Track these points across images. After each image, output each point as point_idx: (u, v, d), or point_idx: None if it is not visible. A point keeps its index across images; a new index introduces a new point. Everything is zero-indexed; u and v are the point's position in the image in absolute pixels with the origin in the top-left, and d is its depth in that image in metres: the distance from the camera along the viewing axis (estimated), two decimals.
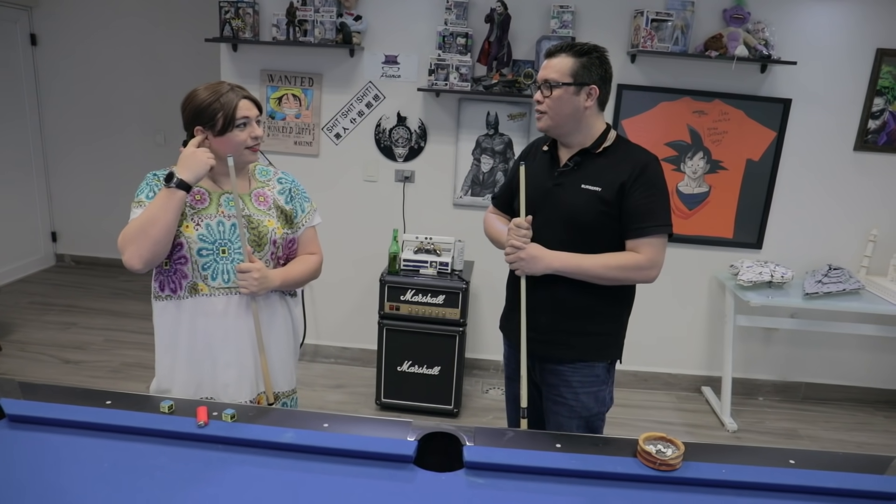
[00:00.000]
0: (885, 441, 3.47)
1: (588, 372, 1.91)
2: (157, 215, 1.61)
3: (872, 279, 3.50)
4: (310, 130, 3.63)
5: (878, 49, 3.31)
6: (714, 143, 3.48)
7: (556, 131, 1.86)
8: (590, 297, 1.85)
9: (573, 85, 1.77)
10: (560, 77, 1.77)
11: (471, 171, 3.61)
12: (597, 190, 1.79)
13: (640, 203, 1.77)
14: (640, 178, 1.77)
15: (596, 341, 1.91)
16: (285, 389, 1.92)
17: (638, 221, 1.78)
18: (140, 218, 1.62)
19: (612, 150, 1.84)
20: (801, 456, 1.48)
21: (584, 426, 1.94)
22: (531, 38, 3.40)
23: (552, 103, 1.80)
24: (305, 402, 3.43)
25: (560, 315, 1.86)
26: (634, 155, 1.83)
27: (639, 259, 1.78)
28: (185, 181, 1.63)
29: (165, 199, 1.62)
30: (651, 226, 1.78)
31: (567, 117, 1.81)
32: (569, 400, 1.92)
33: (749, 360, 3.83)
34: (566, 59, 1.78)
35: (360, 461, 1.39)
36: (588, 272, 1.78)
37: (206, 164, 1.65)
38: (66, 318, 4.38)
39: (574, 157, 1.85)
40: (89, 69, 5.14)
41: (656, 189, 1.79)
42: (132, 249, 1.60)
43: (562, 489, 1.34)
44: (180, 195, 1.62)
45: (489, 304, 3.83)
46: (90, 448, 1.38)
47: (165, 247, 1.64)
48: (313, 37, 3.36)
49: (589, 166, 1.83)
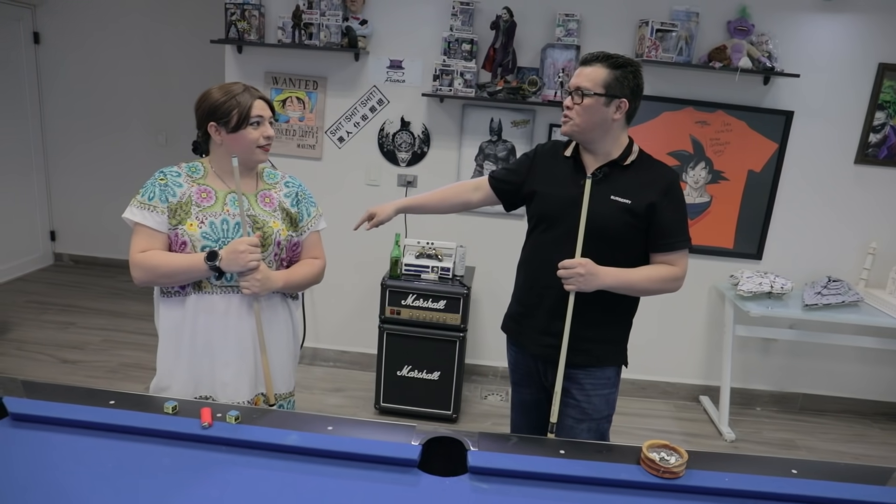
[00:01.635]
0: (883, 453, 3.48)
1: (600, 375, 1.94)
2: (178, 276, 1.69)
3: (871, 292, 3.51)
4: (313, 133, 3.63)
5: (879, 63, 3.34)
6: (716, 154, 3.49)
7: (580, 137, 1.87)
8: (604, 305, 1.88)
9: (604, 96, 1.78)
10: (592, 86, 1.78)
11: (473, 177, 3.61)
12: (626, 202, 1.82)
13: (671, 219, 1.84)
14: (669, 195, 1.84)
15: (610, 348, 1.96)
16: (283, 391, 1.92)
17: (671, 237, 1.84)
18: (163, 262, 1.67)
19: (637, 164, 1.87)
20: (804, 466, 1.48)
21: (594, 428, 1.96)
22: (536, 46, 3.41)
23: (581, 111, 1.80)
24: (304, 406, 3.43)
25: (578, 322, 1.85)
26: (661, 171, 1.88)
27: (675, 271, 1.86)
28: (221, 269, 1.67)
29: (193, 269, 1.67)
30: (681, 240, 1.85)
31: (594, 126, 1.82)
32: (581, 402, 1.94)
33: (747, 371, 3.84)
34: (600, 70, 1.79)
35: (364, 464, 1.39)
36: (635, 286, 1.84)
37: (245, 268, 1.67)
38: (64, 318, 4.37)
39: (602, 167, 1.86)
40: (92, 68, 5.15)
41: (682, 205, 1.87)
42: (140, 276, 1.70)
43: (566, 495, 1.34)
44: (206, 270, 1.67)
45: (490, 310, 3.83)
46: (93, 448, 1.38)
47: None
48: (318, 40, 3.37)
49: (617, 178, 1.85)
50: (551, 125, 3.51)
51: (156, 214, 1.70)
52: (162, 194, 1.71)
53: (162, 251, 1.70)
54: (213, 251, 1.66)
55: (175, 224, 1.70)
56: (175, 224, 1.70)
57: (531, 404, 2.10)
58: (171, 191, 1.72)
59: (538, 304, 1.96)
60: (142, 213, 1.70)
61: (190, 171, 1.78)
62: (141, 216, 1.70)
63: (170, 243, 1.72)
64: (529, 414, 2.12)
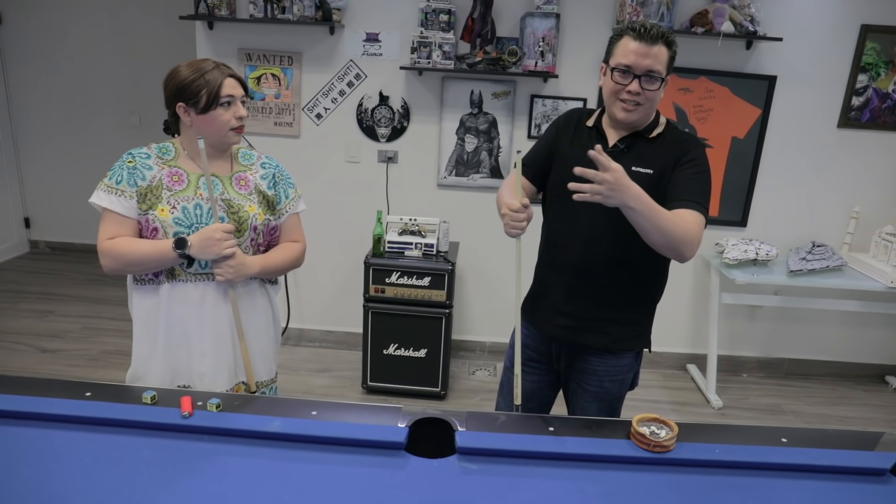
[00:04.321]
0: (866, 414, 3.53)
1: (615, 363, 1.84)
2: (146, 264, 1.64)
3: (855, 255, 3.52)
4: (290, 111, 3.55)
5: (862, 25, 3.30)
6: (699, 121, 3.46)
7: (640, 122, 1.74)
8: (627, 284, 1.78)
9: (666, 77, 1.67)
10: (663, 70, 1.65)
11: (455, 151, 3.56)
12: (648, 172, 1.70)
13: (692, 179, 1.68)
14: (692, 159, 1.70)
15: (629, 331, 1.85)
16: (265, 379, 1.88)
17: (688, 194, 1.66)
18: (131, 250, 1.62)
19: (663, 135, 1.75)
20: (793, 434, 1.48)
21: (606, 408, 1.87)
22: (515, 15, 3.33)
23: (653, 96, 1.66)
24: (290, 387, 3.40)
25: (595, 301, 1.76)
26: (687, 139, 1.75)
27: (696, 231, 1.63)
28: (190, 257, 1.61)
29: (162, 257, 1.61)
30: (695, 201, 1.66)
31: (653, 110, 1.74)
32: (592, 387, 1.85)
33: (734, 338, 3.86)
34: (664, 50, 1.64)
35: (351, 449, 1.36)
36: (656, 219, 1.54)
37: (218, 256, 1.61)
38: (42, 306, 4.28)
39: (625, 138, 1.75)
40: (59, 49, 4.97)
41: (702, 170, 1.71)
42: (109, 264, 1.65)
43: (556, 473, 1.33)
44: (175, 258, 1.61)
45: (475, 286, 3.80)
46: (70, 442, 1.33)
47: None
48: (292, 14, 3.27)
49: (640, 149, 1.73)
50: (532, 96, 3.45)
51: (124, 199, 1.63)
52: (130, 178, 1.64)
53: (130, 238, 1.64)
54: (181, 238, 1.60)
55: (145, 209, 1.64)
56: (145, 209, 1.64)
57: (530, 392, 1.96)
58: (140, 174, 1.65)
59: (556, 283, 1.85)
60: (109, 198, 1.63)
61: (160, 153, 1.71)
62: (108, 201, 1.63)
63: (140, 229, 1.66)
64: (528, 401, 1.96)
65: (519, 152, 1.67)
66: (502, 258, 3.71)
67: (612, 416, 1.87)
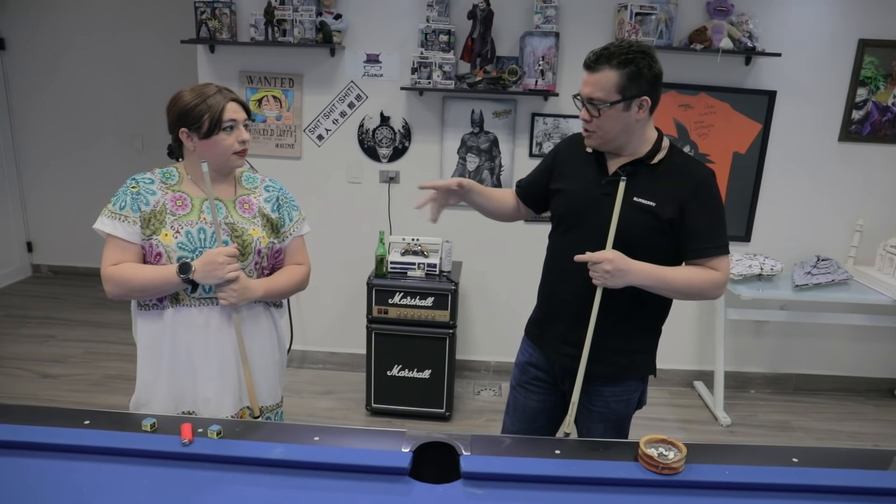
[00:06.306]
0: (876, 430, 3.48)
1: (624, 388, 1.82)
2: (150, 290, 1.63)
3: (860, 269, 3.50)
4: (291, 132, 3.56)
5: (860, 39, 3.31)
6: (700, 137, 3.46)
7: (609, 147, 1.71)
8: (631, 314, 1.74)
9: (622, 101, 1.59)
10: (606, 96, 1.59)
11: (456, 170, 3.56)
12: (650, 205, 1.65)
13: (705, 223, 1.66)
14: (701, 195, 1.66)
15: (636, 359, 1.82)
16: (269, 403, 1.86)
17: (706, 241, 1.67)
18: (135, 275, 1.61)
19: (666, 161, 1.69)
20: (804, 454, 1.45)
21: (613, 428, 1.85)
22: (514, 34, 3.35)
23: (601, 123, 1.63)
24: (294, 410, 3.37)
25: (599, 332, 1.68)
26: (691, 169, 1.69)
27: (718, 277, 1.67)
28: (195, 281, 1.60)
29: (166, 282, 1.61)
30: (717, 246, 1.68)
31: (619, 134, 1.65)
32: (598, 407, 1.83)
33: (740, 354, 3.83)
34: (608, 73, 1.57)
35: (354, 475, 1.34)
36: (671, 286, 1.64)
37: (221, 280, 1.61)
38: (43, 331, 4.27)
39: (626, 166, 1.69)
40: (61, 73, 5.02)
41: (717, 206, 1.69)
42: (112, 290, 1.64)
43: (563, 497, 1.30)
44: (179, 283, 1.60)
45: (479, 305, 3.78)
46: (68, 472, 1.31)
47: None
48: (293, 36, 3.29)
49: (641, 178, 1.67)
50: (533, 114, 3.46)
51: (127, 224, 1.63)
52: (134, 203, 1.64)
53: (134, 264, 1.64)
54: (185, 263, 1.59)
55: (149, 234, 1.63)
56: (149, 234, 1.63)
57: (537, 411, 1.94)
58: (143, 199, 1.65)
59: (559, 312, 1.83)
60: (113, 224, 1.63)
61: (164, 178, 1.71)
62: (112, 227, 1.63)
63: (144, 254, 1.65)
64: (534, 420, 1.95)
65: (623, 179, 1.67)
66: (506, 277, 3.69)
67: (620, 436, 1.85)
